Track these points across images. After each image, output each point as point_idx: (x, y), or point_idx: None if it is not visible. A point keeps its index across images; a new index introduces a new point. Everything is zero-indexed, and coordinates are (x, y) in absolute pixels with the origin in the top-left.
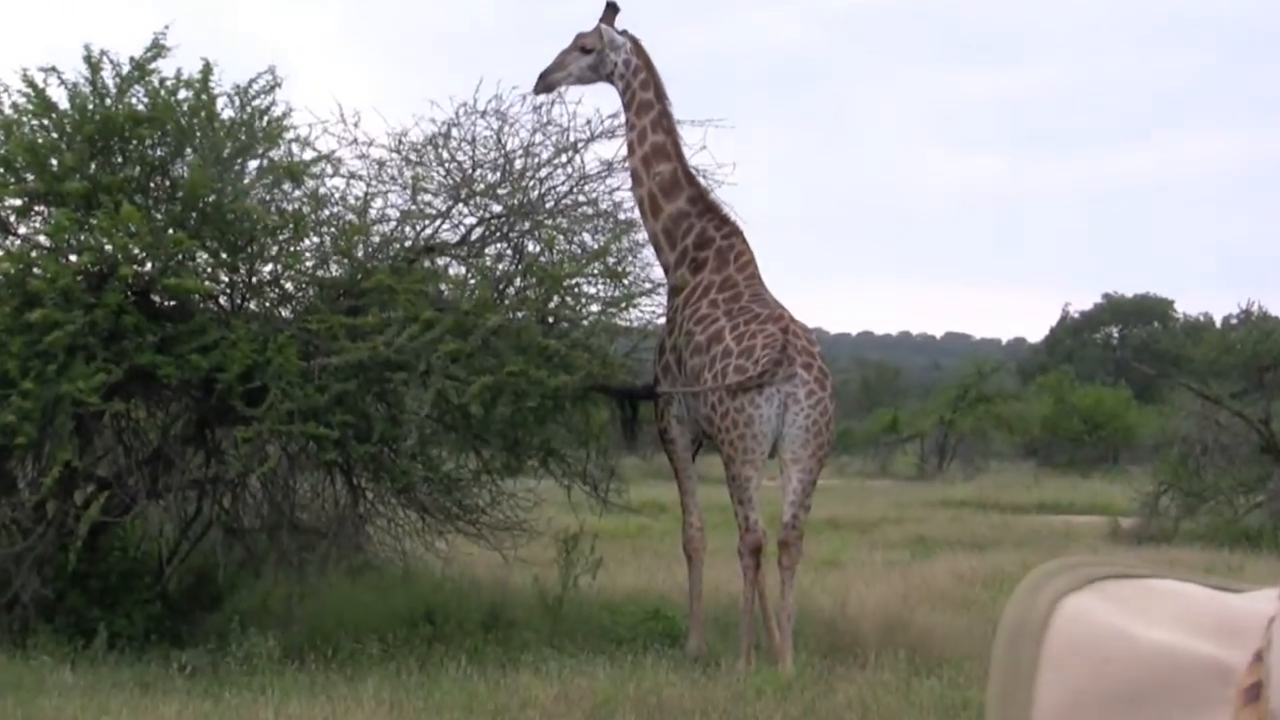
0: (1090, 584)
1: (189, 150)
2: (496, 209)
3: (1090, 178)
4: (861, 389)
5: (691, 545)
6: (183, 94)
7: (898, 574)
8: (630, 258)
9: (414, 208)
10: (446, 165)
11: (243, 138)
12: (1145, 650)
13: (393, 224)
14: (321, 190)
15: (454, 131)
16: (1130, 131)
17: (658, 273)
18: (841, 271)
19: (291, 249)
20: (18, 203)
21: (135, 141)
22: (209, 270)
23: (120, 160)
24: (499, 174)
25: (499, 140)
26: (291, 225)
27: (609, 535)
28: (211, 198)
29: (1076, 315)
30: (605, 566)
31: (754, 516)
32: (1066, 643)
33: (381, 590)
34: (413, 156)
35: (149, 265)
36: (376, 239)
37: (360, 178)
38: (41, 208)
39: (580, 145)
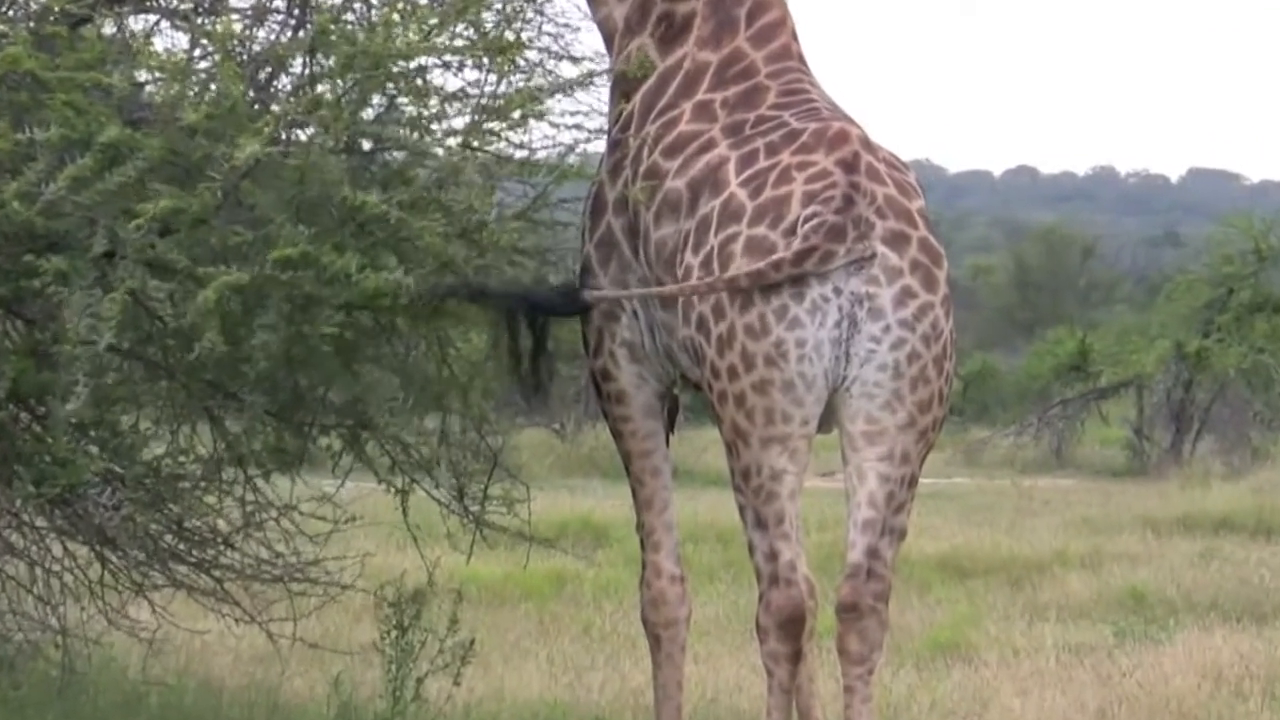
0: None
1: None
2: None
3: None
4: (1014, 285)
5: (660, 613)
6: None
7: (1089, 670)
8: (530, 14)
9: None
10: None
11: None
12: None
13: None
14: None
15: None
16: None
17: (590, 44)
18: (972, 61)
19: None
20: None
21: None
22: None
23: None
24: None
25: None
26: None
27: (491, 593)
28: None
29: None
30: (482, 657)
31: (789, 554)
32: None
33: (18, 709)
34: None
35: None
36: None
37: None
38: None
39: None
